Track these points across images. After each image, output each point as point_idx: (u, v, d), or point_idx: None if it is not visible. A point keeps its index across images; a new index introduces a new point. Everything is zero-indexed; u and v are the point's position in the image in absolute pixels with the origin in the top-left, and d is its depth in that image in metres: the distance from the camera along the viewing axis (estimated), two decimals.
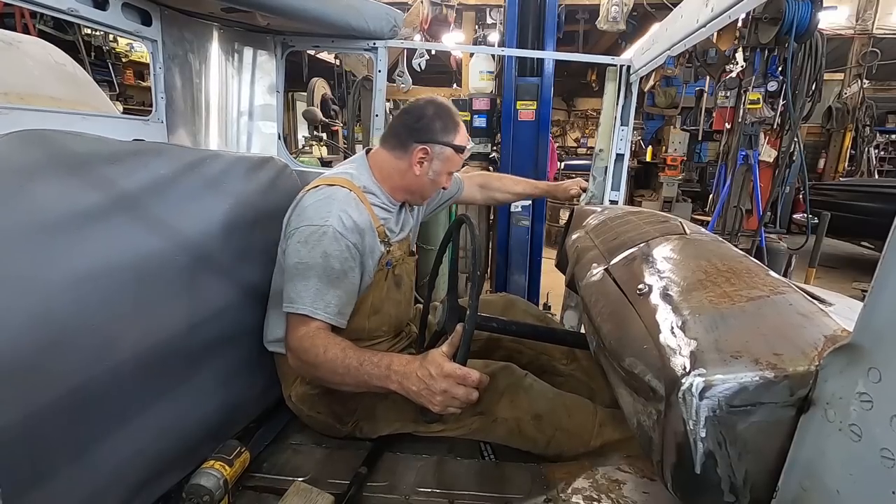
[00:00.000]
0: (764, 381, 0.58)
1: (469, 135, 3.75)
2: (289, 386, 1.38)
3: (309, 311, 1.15)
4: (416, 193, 1.43)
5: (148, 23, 1.62)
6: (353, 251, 1.23)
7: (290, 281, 1.19)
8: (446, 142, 1.36)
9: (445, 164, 1.39)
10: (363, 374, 1.08)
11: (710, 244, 1.03)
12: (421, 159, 1.35)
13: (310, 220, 1.21)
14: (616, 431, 1.25)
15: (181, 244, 1.11)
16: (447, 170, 1.41)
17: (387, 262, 1.36)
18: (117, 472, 0.96)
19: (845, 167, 8.70)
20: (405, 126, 1.37)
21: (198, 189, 1.22)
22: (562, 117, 12.06)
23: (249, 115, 2.15)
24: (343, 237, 1.20)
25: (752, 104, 4.19)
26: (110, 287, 0.94)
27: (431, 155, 1.35)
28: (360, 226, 1.25)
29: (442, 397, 1.00)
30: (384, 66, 2.08)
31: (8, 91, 1.58)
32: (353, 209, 1.25)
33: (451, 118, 1.37)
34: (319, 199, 1.24)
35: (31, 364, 0.80)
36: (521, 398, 1.28)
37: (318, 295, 1.17)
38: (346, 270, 1.21)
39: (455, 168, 1.44)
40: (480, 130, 3.55)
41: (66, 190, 0.92)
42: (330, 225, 1.19)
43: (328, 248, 1.18)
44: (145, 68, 6.74)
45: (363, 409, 1.32)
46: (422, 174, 1.37)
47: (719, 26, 1.33)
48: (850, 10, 7.57)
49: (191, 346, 1.13)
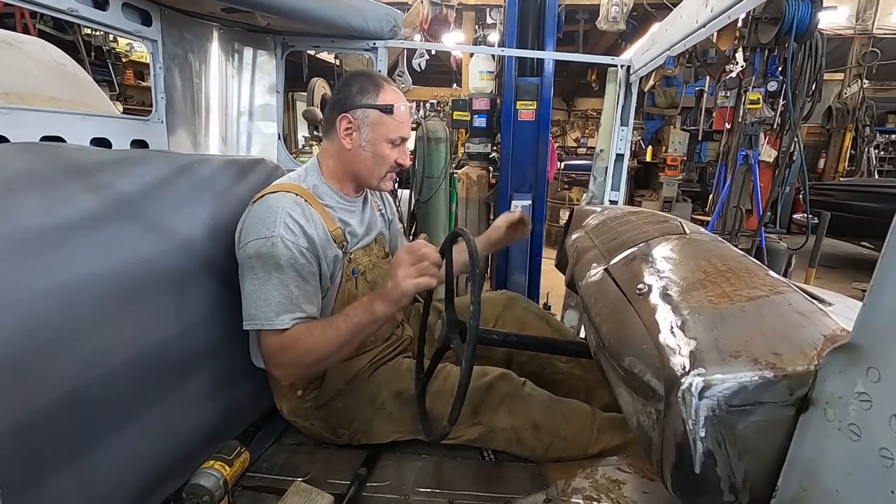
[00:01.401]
0: (763, 380, 0.58)
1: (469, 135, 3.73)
2: (280, 398, 1.36)
3: (277, 324, 1.15)
4: (363, 175, 1.33)
5: (148, 23, 1.62)
6: (307, 255, 1.20)
7: (249, 299, 1.17)
8: (366, 104, 1.26)
9: (376, 130, 1.28)
10: (351, 322, 1.12)
11: (709, 244, 1.03)
12: (347, 129, 1.28)
13: (256, 234, 1.17)
14: (615, 437, 1.25)
15: (170, 250, 1.11)
16: (383, 136, 1.28)
17: (353, 271, 1.32)
18: (114, 479, 0.96)
19: (845, 167, 8.70)
20: (329, 105, 1.32)
21: (186, 194, 1.21)
22: (562, 117, 12.06)
23: (249, 116, 2.15)
24: (294, 244, 1.17)
25: (752, 104, 4.19)
26: (98, 296, 0.93)
27: (356, 122, 1.27)
28: (308, 231, 1.21)
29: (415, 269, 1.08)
30: (384, 66, 2.08)
31: (8, 91, 1.58)
32: (299, 213, 1.21)
33: (369, 79, 1.29)
34: (263, 210, 1.21)
35: (19, 372, 0.80)
36: (518, 407, 1.28)
37: (280, 307, 1.15)
38: (304, 276, 1.19)
39: (394, 134, 1.30)
40: (480, 130, 3.56)
41: (49, 202, 0.92)
42: (277, 235, 1.16)
43: (279, 258, 1.16)
44: (145, 68, 6.74)
45: (360, 421, 1.32)
46: (353, 146, 1.29)
47: (719, 26, 1.33)
48: (850, 10, 7.58)
49: (184, 352, 1.13)
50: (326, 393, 1.32)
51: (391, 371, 1.36)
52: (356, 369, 1.33)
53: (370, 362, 1.36)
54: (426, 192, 3.58)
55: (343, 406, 1.31)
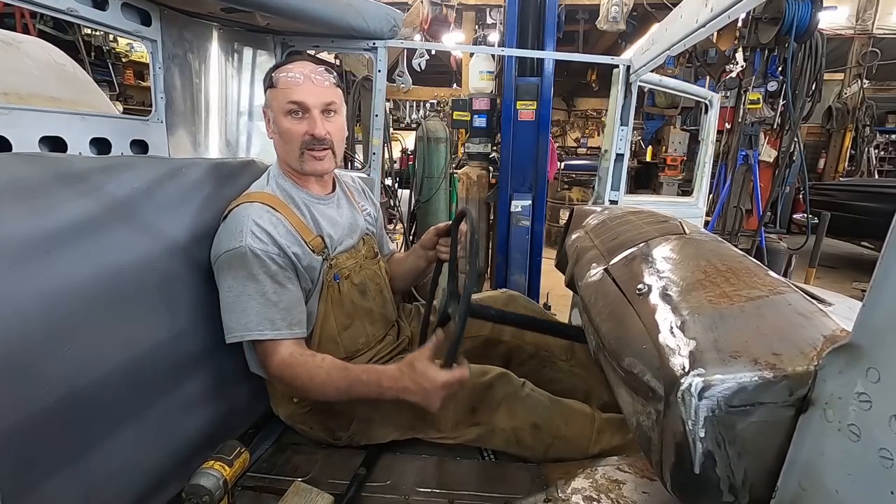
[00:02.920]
0: (763, 380, 0.58)
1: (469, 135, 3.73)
2: (277, 403, 1.36)
3: (256, 334, 1.14)
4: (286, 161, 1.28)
5: (148, 23, 1.62)
6: (278, 261, 1.18)
7: (226, 311, 1.16)
8: (266, 86, 1.25)
9: (273, 108, 1.24)
10: (354, 394, 1.15)
11: (709, 244, 1.03)
12: (267, 121, 1.28)
13: (227, 246, 1.16)
14: (614, 438, 1.25)
15: (160, 255, 1.11)
16: (280, 111, 1.22)
17: (334, 276, 1.30)
18: (112, 483, 0.96)
19: (845, 167, 8.70)
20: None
21: (175, 198, 1.21)
22: (562, 117, 12.05)
23: (249, 115, 2.15)
24: (263, 251, 1.16)
25: (752, 104, 4.20)
26: (87, 302, 0.94)
27: (266, 112, 1.27)
28: (276, 237, 1.18)
29: (441, 402, 1.09)
30: (384, 66, 2.08)
31: (8, 91, 1.58)
32: (266, 221, 1.19)
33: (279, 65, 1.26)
34: (231, 222, 1.20)
35: (11, 377, 0.80)
36: (518, 408, 1.28)
37: (259, 316, 1.14)
38: (280, 282, 1.18)
39: (284, 102, 1.20)
40: (480, 130, 3.55)
41: (36, 210, 0.92)
42: (245, 245, 1.14)
43: (251, 267, 1.15)
44: (145, 68, 6.73)
45: (358, 422, 1.31)
46: (273, 133, 1.27)
47: (719, 26, 1.33)
48: (850, 10, 7.58)
49: (178, 356, 1.13)
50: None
51: None
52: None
53: (369, 363, 1.35)
54: (426, 192, 3.58)
55: (340, 409, 1.31)
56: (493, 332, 1.58)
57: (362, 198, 1.56)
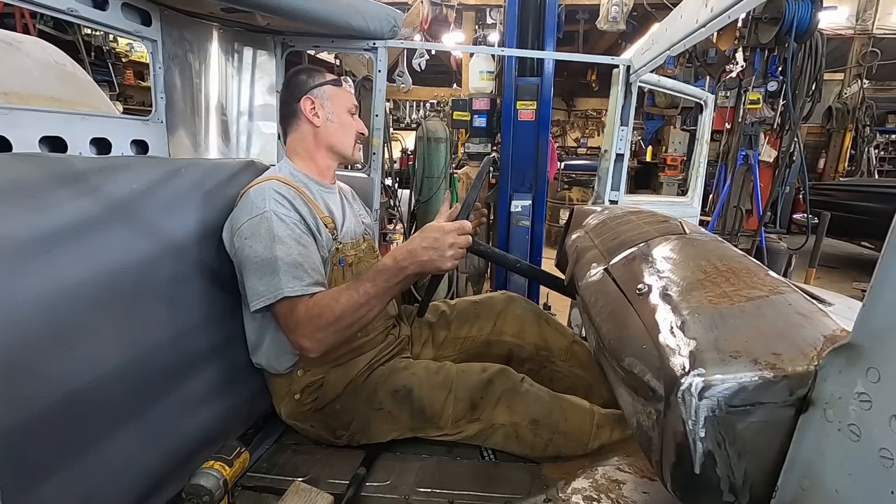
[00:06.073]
0: (763, 380, 0.58)
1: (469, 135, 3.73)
2: (279, 402, 1.36)
3: (287, 292, 1.14)
4: (338, 146, 1.44)
5: (148, 23, 1.62)
6: (300, 227, 1.24)
7: (254, 276, 1.17)
8: (319, 83, 1.41)
9: (335, 101, 1.43)
10: (381, 287, 1.15)
11: (709, 244, 1.03)
12: (311, 109, 1.39)
13: (248, 215, 1.21)
14: (614, 433, 1.25)
15: (160, 255, 1.11)
16: (342, 107, 1.44)
17: (339, 260, 1.35)
18: (112, 483, 0.96)
19: (845, 167, 8.70)
20: (282, 104, 1.45)
21: (174, 199, 1.21)
22: (562, 117, 12.05)
23: (249, 115, 2.15)
24: (287, 216, 1.22)
25: (752, 104, 4.20)
26: (88, 303, 0.94)
27: (318, 101, 1.40)
28: (297, 206, 1.26)
29: (452, 251, 1.13)
30: (384, 66, 2.08)
31: (8, 91, 1.58)
32: (286, 191, 1.27)
33: (310, 68, 1.46)
34: (248, 199, 1.25)
35: (12, 378, 0.80)
36: (517, 403, 1.28)
37: (289, 275, 1.16)
38: (305, 244, 1.22)
39: (348, 103, 1.46)
40: (480, 130, 3.55)
41: (35, 211, 0.92)
42: (268, 209, 1.20)
43: (276, 230, 1.19)
44: (145, 68, 6.73)
45: (357, 422, 1.32)
46: (322, 122, 1.41)
47: (719, 26, 1.33)
48: (850, 10, 7.58)
49: (179, 356, 1.13)
50: (325, 396, 1.32)
51: (388, 371, 1.36)
52: (354, 372, 1.33)
53: (368, 364, 1.36)
54: (426, 192, 3.58)
55: (341, 408, 1.31)
56: (493, 332, 1.59)
57: (358, 204, 1.64)
